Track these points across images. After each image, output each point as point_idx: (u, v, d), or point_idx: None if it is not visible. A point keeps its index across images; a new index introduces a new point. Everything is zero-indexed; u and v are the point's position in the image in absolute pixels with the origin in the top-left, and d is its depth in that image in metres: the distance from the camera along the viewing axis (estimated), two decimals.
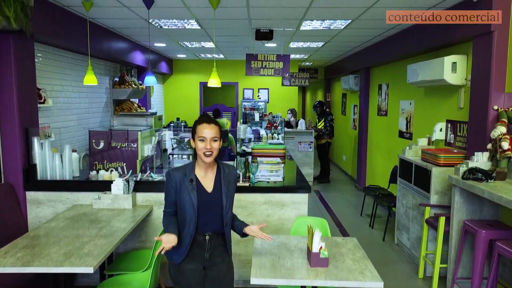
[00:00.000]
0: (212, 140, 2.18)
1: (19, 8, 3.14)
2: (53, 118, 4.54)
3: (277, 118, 7.32)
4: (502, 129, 3.28)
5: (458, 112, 4.25)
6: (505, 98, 3.44)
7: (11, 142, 3.53)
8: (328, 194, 7.65)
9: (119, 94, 6.20)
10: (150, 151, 5.17)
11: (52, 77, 4.53)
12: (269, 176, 4.09)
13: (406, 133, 5.72)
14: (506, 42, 3.39)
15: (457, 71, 4.09)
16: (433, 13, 3.50)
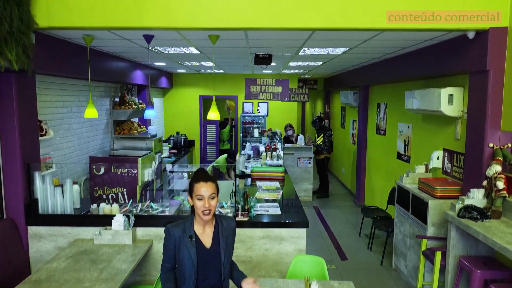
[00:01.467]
0: (210, 198, 2.22)
1: (21, 50, 3.18)
2: (54, 146, 4.59)
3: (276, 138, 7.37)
4: (497, 168, 3.33)
5: (455, 143, 4.30)
6: (501, 135, 3.49)
7: (13, 178, 3.58)
8: (326, 210, 7.70)
9: (119, 115, 6.24)
10: (150, 176, 5.21)
11: (53, 105, 4.57)
12: (268, 207, 4.13)
13: (404, 155, 5.77)
14: (502, 81, 3.43)
15: (453, 103, 4.14)
16: (433, 12, 3.40)
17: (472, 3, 3.34)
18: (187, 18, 3.39)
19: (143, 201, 5.15)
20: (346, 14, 3.35)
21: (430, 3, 3.32)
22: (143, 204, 4.25)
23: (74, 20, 3.41)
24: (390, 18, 3.35)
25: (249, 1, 3.34)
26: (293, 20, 3.39)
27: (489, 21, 3.37)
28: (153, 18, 3.40)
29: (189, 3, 3.35)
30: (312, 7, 3.34)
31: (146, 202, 4.90)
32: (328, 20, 3.39)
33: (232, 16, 3.38)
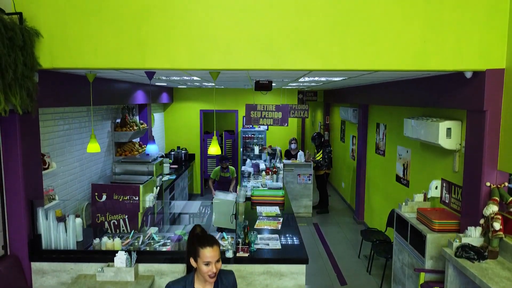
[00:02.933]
0: (216, 262, 2.25)
1: (25, 94, 3.23)
2: (57, 176, 4.64)
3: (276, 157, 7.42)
4: (494, 208, 3.38)
5: (453, 174, 4.35)
6: (497, 174, 3.54)
7: (17, 216, 3.63)
8: (326, 228, 7.75)
9: (121, 137, 6.29)
10: (151, 202, 5.27)
11: (55, 136, 4.62)
12: (268, 239, 4.18)
13: (403, 179, 5.82)
14: (498, 122, 3.48)
15: (451, 137, 4.19)
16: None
17: (468, 45, 3.39)
18: (188, 60, 3.44)
19: (144, 227, 5.21)
20: (345, 56, 3.40)
21: (426, 46, 3.37)
22: (144, 235, 4.30)
23: (77, 62, 3.46)
24: (387, 62, 3.41)
25: (250, 44, 3.39)
26: (293, 62, 3.44)
27: (486, 63, 3.42)
28: (156, 60, 3.45)
29: (190, 46, 3.40)
30: (312, 50, 3.39)
31: (147, 229, 4.96)
32: (328, 62, 3.44)
33: (232, 58, 3.43)
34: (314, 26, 3.37)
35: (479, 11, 3.36)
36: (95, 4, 3.37)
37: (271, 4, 3.36)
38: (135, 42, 3.41)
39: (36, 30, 3.34)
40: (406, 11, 3.36)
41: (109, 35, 3.40)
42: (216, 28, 3.38)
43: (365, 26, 3.37)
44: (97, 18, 3.39)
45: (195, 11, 3.37)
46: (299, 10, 3.36)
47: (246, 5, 3.37)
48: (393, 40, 3.38)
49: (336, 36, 3.38)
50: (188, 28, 3.38)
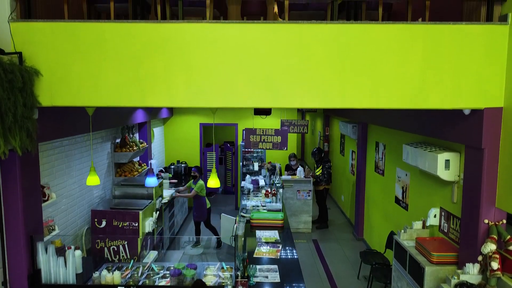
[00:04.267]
0: None
1: (25, 135, 3.25)
2: (56, 205, 4.65)
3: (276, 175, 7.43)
4: (491, 247, 3.39)
5: (452, 205, 4.36)
6: (495, 212, 3.55)
7: (16, 251, 3.64)
8: (325, 244, 7.76)
9: (121, 157, 6.30)
10: (151, 227, 5.28)
11: (55, 165, 4.63)
12: (267, 271, 4.19)
13: (402, 202, 5.83)
14: (496, 160, 3.49)
15: (450, 168, 4.20)
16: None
17: (467, 84, 3.40)
18: (188, 98, 3.46)
19: (144, 251, 5.22)
20: (344, 95, 3.42)
21: (424, 84, 3.39)
22: (144, 266, 4.30)
23: (76, 100, 3.47)
24: (386, 100, 3.42)
25: (249, 82, 3.41)
26: (292, 100, 3.45)
27: (484, 102, 3.43)
28: (156, 97, 3.46)
29: (190, 85, 3.41)
30: (311, 89, 3.41)
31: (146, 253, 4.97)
32: (326, 100, 3.45)
33: (232, 96, 3.45)
34: (313, 65, 3.39)
35: (477, 50, 3.38)
36: (95, 43, 3.39)
37: (271, 43, 3.37)
38: (135, 80, 3.42)
39: (36, 69, 3.36)
40: (405, 49, 3.38)
41: (109, 73, 3.41)
42: (215, 67, 3.40)
43: (364, 64, 3.38)
44: (96, 57, 3.40)
45: (195, 50, 3.38)
46: (298, 49, 3.38)
47: (245, 44, 3.38)
48: (391, 78, 3.40)
49: (335, 75, 3.39)
50: (187, 67, 3.40)
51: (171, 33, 3.38)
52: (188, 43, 3.38)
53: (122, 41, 3.38)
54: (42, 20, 3.38)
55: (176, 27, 3.37)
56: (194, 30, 3.38)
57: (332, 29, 3.35)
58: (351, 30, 3.36)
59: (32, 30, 3.39)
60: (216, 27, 3.37)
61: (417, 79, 3.40)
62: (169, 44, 3.39)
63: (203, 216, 7.19)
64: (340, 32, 3.36)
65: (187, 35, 3.38)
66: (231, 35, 3.37)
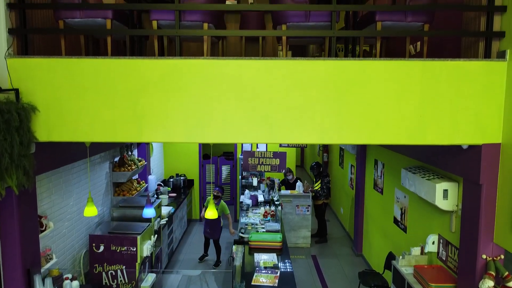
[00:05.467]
0: None
1: (22, 173, 3.24)
2: (54, 231, 4.64)
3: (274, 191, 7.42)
4: (489, 283, 3.38)
5: (450, 234, 4.35)
6: (493, 247, 3.54)
7: (14, 285, 3.63)
8: (324, 260, 7.75)
9: (119, 177, 6.29)
10: (148, 251, 5.27)
11: (52, 192, 4.62)
12: None
13: (401, 223, 5.82)
14: (494, 195, 3.48)
15: (448, 198, 4.20)
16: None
17: (464, 120, 3.40)
18: (185, 134, 3.45)
19: (142, 275, 5.22)
20: (341, 131, 3.41)
21: (422, 120, 3.38)
22: None
23: (74, 135, 3.47)
24: (384, 137, 3.41)
25: (246, 119, 3.40)
26: (289, 136, 3.45)
27: (482, 138, 3.42)
28: (152, 133, 3.46)
29: (187, 121, 3.41)
30: (308, 125, 3.40)
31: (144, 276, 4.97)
32: (323, 137, 3.45)
33: (228, 132, 3.44)
34: (310, 101, 3.38)
35: (475, 86, 3.37)
36: (92, 79, 3.38)
37: (268, 79, 3.37)
38: (132, 115, 3.42)
39: (33, 105, 3.35)
40: (402, 86, 3.37)
41: (106, 109, 3.41)
42: (213, 103, 3.39)
43: (361, 101, 3.37)
44: (94, 92, 3.40)
45: (192, 85, 3.38)
46: (296, 85, 3.37)
47: (242, 80, 3.38)
48: (389, 115, 3.39)
49: (332, 112, 3.39)
50: (185, 103, 3.39)
51: (168, 69, 3.37)
52: (186, 79, 3.38)
53: (120, 77, 3.38)
54: (39, 56, 3.38)
55: (174, 63, 3.37)
56: (192, 66, 3.37)
57: (330, 66, 3.34)
58: (349, 66, 3.35)
59: (29, 66, 3.38)
60: (214, 63, 3.36)
61: (414, 115, 3.39)
62: (167, 80, 3.38)
63: (216, 234, 7.30)
64: (338, 69, 3.35)
65: (184, 71, 3.37)
66: (229, 71, 3.37)
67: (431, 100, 3.38)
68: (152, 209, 4.48)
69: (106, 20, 3.41)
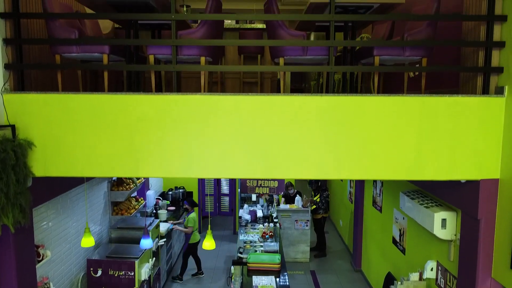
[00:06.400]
0: None
1: (18, 211, 3.22)
2: (51, 258, 4.62)
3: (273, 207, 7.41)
4: None
5: (448, 262, 4.34)
6: (491, 282, 3.52)
7: None
8: (323, 276, 7.74)
9: (117, 196, 6.28)
10: (146, 275, 5.26)
11: (51, 219, 4.60)
12: None
13: (400, 244, 5.81)
14: (493, 230, 3.47)
15: (446, 227, 4.18)
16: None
17: (463, 156, 3.39)
18: (182, 169, 3.45)
19: None
20: (339, 167, 3.40)
21: (420, 156, 3.37)
22: None
23: (70, 170, 3.46)
24: (381, 172, 3.40)
25: (243, 154, 3.39)
26: (286, 171, 3.44)
27: (480, 173, 3.41)
28: (149, 168, 3.45)
29: (184, 156, 3.40)
30: (306, 160, 3.39)
31: None
32: (321, 172, 3.44)
33: (225, 167, 3.43)
34: (309, 136, 3.37)
35: (473, 122, 3.36)
36: (89, 114, 3.37)
37: (266, 114, 3.36)
38: (129, 151, 3.41)
39: (29, 141, 3.34)
40: (400, 121, 3.36)
41: (103, 144, 3.40)
42: (210, 138, 3.38)
43: (359, 136, 3.36)
44: (90, 128, 3.38)
45: (190, 121, 3.37)
46: (293, 121, 3.36)
47: (240, 115, 3.36)
48: (387, 150, 3.38)
49: (330, 147, 3.37)
50: (181, 138, 3.38)
51: (165, 105, 3.36)
52: (183, 114, 3.36)
53: (116, 112, 3.37)
54: (36, 92, 3.36)
55: (170, 99, 3.36)
56: (189, 102, 3.36)
57: (327, 101, 3.33)
58: (347, 102, 3.34)
59: (26, 101, 3.37)
60: (211, 99, 3.35)
61: (412, 151, 3.38)
62: (164, 115, 3.37)
63: (185, 248, 7.22)
64: (336, 104, 3.34)
65: (181, 106, 3.36)
66: (226, 107, 3.35)
67: (429, 136, 3.36)
68: (150, 240, 4.47)
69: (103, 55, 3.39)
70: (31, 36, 3.72)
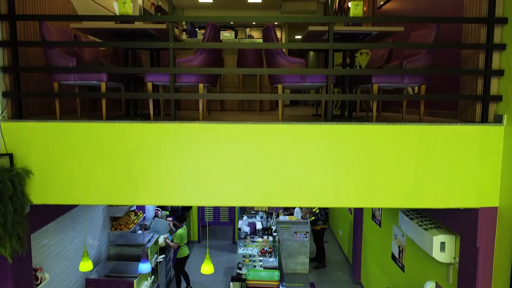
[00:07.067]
0: None
1: (15, 240, 3.21)
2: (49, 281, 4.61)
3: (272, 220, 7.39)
4: None
5: (448, 285, 4.33)
6: None
7: None
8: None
9: (116, 211, 6.27)
10: None
11: (49, 241, 4.60)
12: None
13: (399, 261, 5.79)
14: (491, 258, 3.46)
15: (445, 251, 4.17)
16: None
17: (461, 184, 3.38)
18: (180, 197, 3.44)
19: None
20: (337, 195, 3.40)
21: (419, 184, 3.36)
22: None
23: (68, 198, 3.46)
24: (380, 200, 3.40)
25: (240, 183, 3.38)
26: (284, 200, 3.43)
27: (479, 201, 3.40)
28: (147, 196, 3.44)
29: (181, 184, 3.40)
30: (304, 189, 3.39)
31: None
32: (319, 200, 3.44)
33: (223, 196, 3.43)
34: (307, 164, 3.36)
35: (472, 150, 3.35)
36: (87, 142, 3.37)
37: (264, 143, 3.35)
38: (127, 179, 3.40)
39: (27, 169, 3.34)
40: (399, 150, 3.35)
41: (101, 172, 3.39)
42: (208, 166, 3.38)
43: (357, 165, 3.36)
44: (88, 156, 3.38)
45: (187, 149, 3.36)
46: (292, 149, 3.35)
47: (238, 143, 3.36)
48: (385, 178, 3.37)
49: (329, 175, 3.37)
50: (179, 166, 3.38)
51: (163, 133, 3.35)
52: (181, 142, 3.36)
53: (114, 140, 3.36)
54: (33, 120, 3.36)
55: (168, 127, 3.35)
56: (186, 130, 3.35)
57: (326, 130, 3.33)
58: (345, 130, 3.34)
59: (24, 129, 3.37)
60: (209, 127, 3.34)
61: (411, 179, 3.37)
62: (161, 143, 3.36)
63: (172, 263, 7.04)
64: (334, 132, 3.33)
65: (179, 134, 3.35)
66: (224, 135, 3.35)
67: (428, 164, 3.36)
68: (148, 264, 4.46)
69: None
70: (29, 61, 3.72)
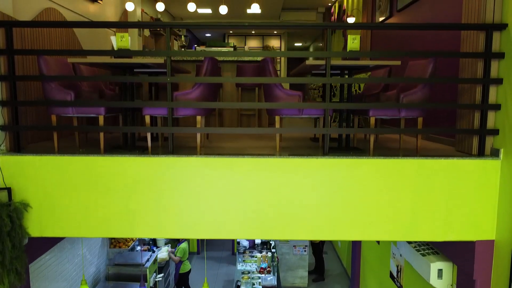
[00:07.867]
0: None
1: (13, 275, 3.23)
2: None
3: None
4: None
5: None
6: None
7: None
8: None
9: None
10: None
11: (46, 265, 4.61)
12: None
13: (397, 281, 5.80)
14: None
15: (443, 278, 4.18)
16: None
17: (458, 217, 3.39)
18: (177, 230, 3.46)
19: None
20: (333, 228, 3.41)
21: (415, 218, 3.37)
22: None
23: (66, 231, 3.47)
24: (377, 234, 3.41)
25: (237, 217, 3.39)
26: (280, 233, 3.45)
27: (476, 235, 3.41)
28: (145, 229, 3.45)
29: (179, 218, 3.41)
30: (300, 222, 3.40)
31: None
32: (315, 233, 3.45)
33: (219, 229, 3.44)
34: (303, 198, 3.37)
35: (469, 184, 3.36)
36: (85, 176, 3.38)
37: (261, 177, 3.36)
38: (125, 212, 3.41)
39: (25, 203, 3.35)
40: (396, 183, 3.36)
41: (99, 206, 3.40)
42: (205, 200, 3.39)
43: (354, 198, 3.37)
44: (87, 189, 3.39)
45: (185, 182, 3.37)
46: (288, 183, 3.36)
47: (235, 177, 3.37)
48: (382, 212, 3.38)
49: (325, 209, 3.38)
50: (177, 199, 3.39)
51: (160, 167, 3.36)
52: (178, 176, 3.37)
53: (112, 174, 3.37)
54: (32, 154, 3.36)
55: (166, 161, 3.36)
56: (184, 164, 3.36)
57: (323, 164, 3.34)
58: (342, 164, 3.34)
59: (22, 163, 3.38)
60: (206, 161, 3.35)
61: (408, 213, 3.38)
62: (159, 176, 3.37)
63: (175, 279, 6.97)
64: (331, 166, 3.34)
65: (177, 168, 3.36)
66: (221, 169, 3.36)
67: (424, 197, 3.37)
68: None
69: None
70: (28, 92, 3.73)
